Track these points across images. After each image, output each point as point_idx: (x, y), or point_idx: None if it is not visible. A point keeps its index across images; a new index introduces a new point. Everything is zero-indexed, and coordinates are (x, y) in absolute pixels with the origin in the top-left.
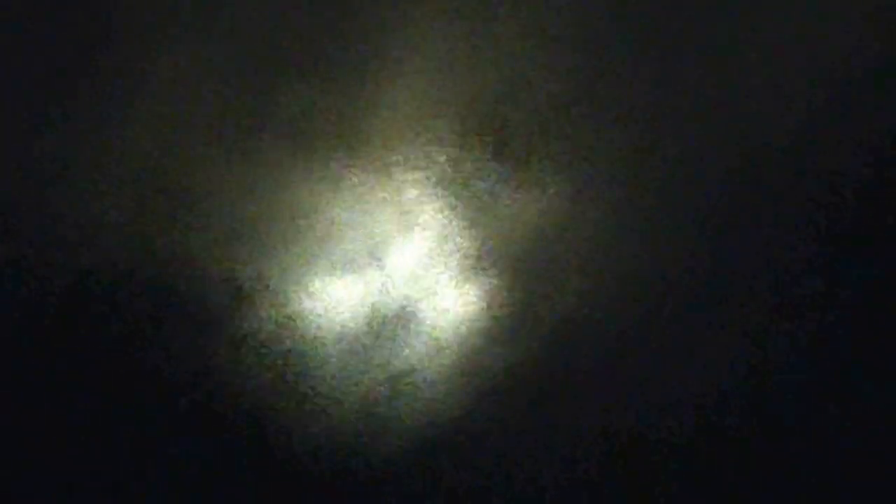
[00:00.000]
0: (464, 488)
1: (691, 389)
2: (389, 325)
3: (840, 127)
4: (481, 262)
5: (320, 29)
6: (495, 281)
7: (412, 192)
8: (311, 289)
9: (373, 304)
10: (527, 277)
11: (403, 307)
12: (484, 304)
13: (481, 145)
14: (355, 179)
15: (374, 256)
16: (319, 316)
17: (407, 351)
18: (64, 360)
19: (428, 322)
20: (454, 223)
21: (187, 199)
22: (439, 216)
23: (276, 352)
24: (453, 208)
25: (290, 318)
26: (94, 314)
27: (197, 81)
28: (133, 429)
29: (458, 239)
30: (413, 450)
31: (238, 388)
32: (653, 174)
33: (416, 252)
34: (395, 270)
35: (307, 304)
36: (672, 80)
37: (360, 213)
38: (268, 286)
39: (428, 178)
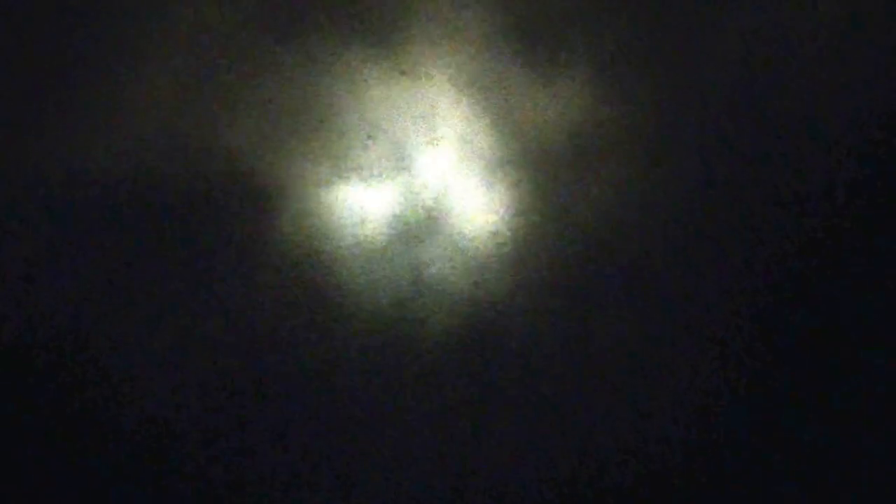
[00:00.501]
0: (489, 383)
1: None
2: (417, 229)
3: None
4: (508, 165)
5: None
6: (522, 184)
7: (439, 97)
8: (338, 195)
9: (400, 209)
10: (553, 180)
11: (430, 212)
12: (511, 208)
13: (509, 49)
14: (382, 85)
15: (401, 162)
16: (347, 222)
17: (434, 255)
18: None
19: (454, 226)
20: (481, 127)
21: (220, 102)
22: (466, 121)
23: (303, 257)
24: (480, 112)
25: (317, 224)
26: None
27: None
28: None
29: (485, 143)
30: (440, 349)
31: (260, 304)
32: (676, 80)
33: (442, 157)
34: (421, 176)
35: (335, 210)
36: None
37: (386, 119)
38: (295, 193)
39: (454, 82)
